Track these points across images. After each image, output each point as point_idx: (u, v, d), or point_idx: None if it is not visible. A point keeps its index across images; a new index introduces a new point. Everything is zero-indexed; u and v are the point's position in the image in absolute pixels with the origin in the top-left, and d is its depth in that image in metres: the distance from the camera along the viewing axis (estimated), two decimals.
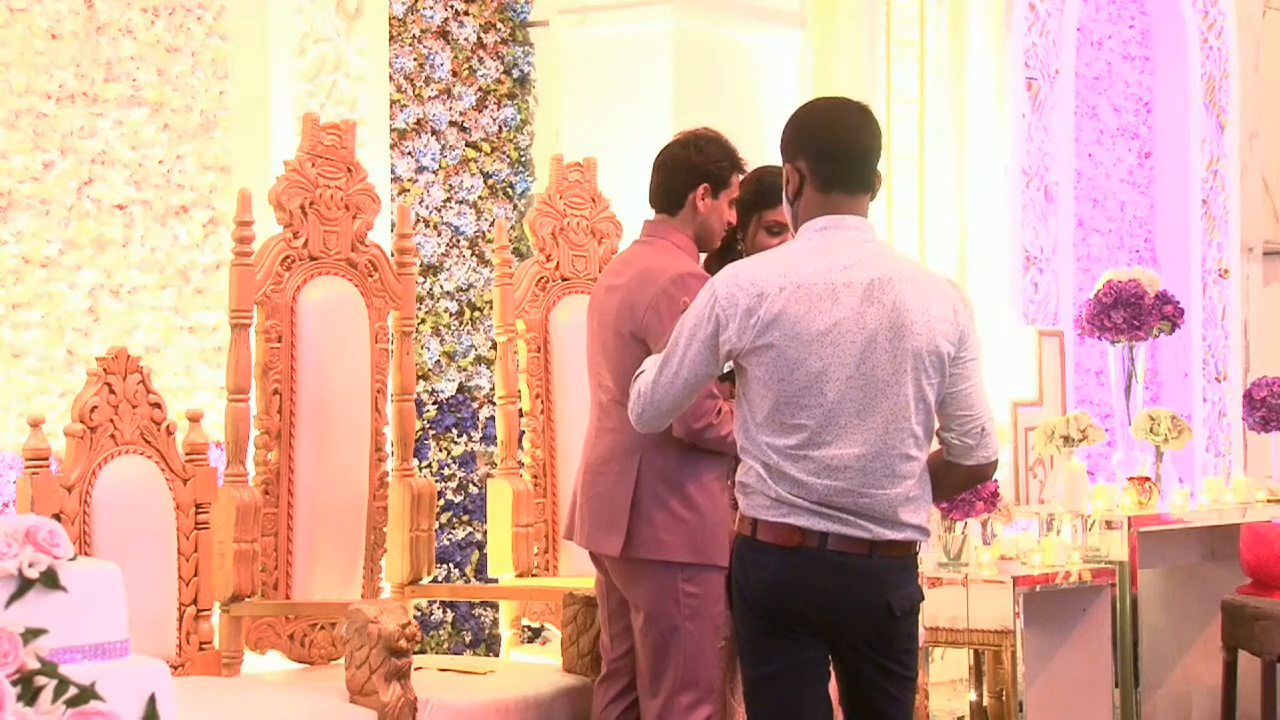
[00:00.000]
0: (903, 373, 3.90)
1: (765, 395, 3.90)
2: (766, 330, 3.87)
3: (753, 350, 3.90)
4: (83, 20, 5.89)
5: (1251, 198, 9.46)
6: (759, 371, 3.90)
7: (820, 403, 3.88)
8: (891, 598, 3.96)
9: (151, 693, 3.36)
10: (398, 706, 4.48)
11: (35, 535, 3.32)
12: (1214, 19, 9.33)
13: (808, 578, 3.92)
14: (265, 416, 5.03)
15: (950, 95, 8.24)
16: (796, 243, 4.00)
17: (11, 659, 3.16)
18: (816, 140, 3.99)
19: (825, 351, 3.87)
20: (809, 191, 3.98)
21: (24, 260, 5.75)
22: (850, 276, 3.90)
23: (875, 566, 3.93)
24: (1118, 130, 9.17)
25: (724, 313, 3.91)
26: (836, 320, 3.87)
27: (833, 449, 3.88)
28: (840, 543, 3.91)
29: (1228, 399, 9.14)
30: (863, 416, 3.88)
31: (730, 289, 3.92)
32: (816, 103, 4.24)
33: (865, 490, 3.90)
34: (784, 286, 3.89)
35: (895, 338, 3.90)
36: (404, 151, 6.72)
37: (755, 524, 3.96)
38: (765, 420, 3.91)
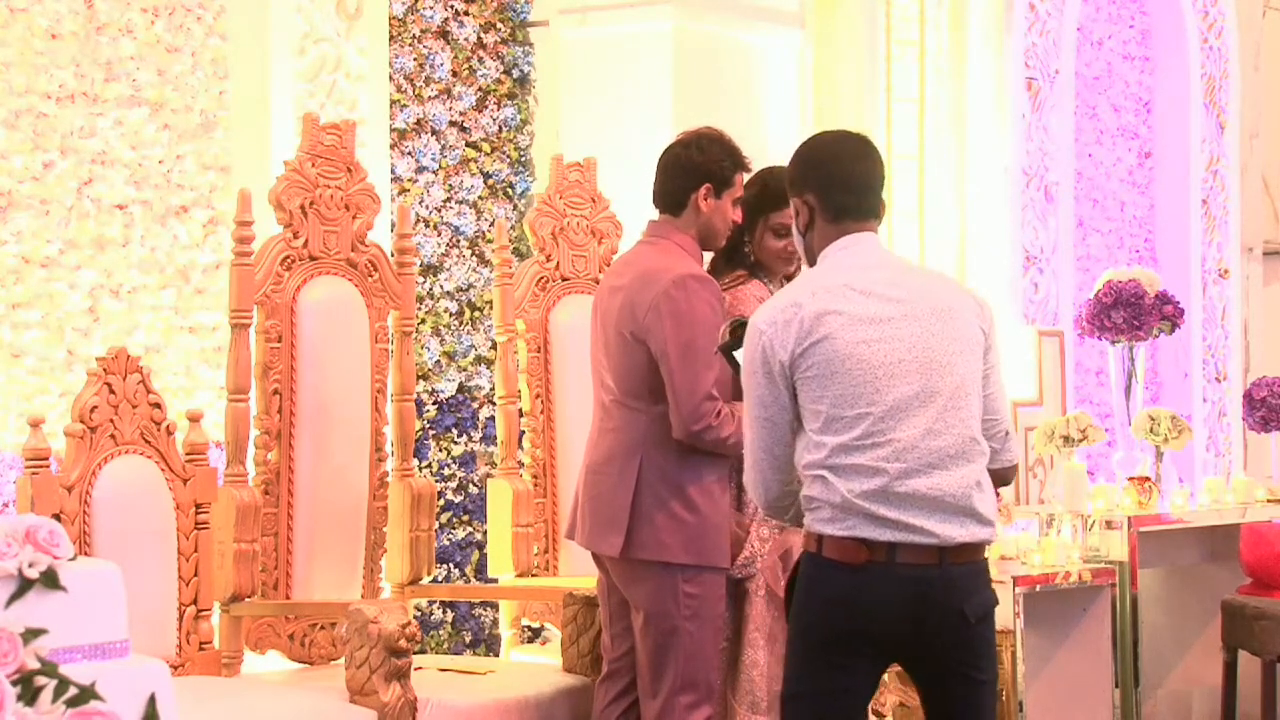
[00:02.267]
0: (956, 354, 3.94)
1: (820, 398, 3.89)
2: (811, 333, 3.89)
3: (803, 356, 3.90)
4: (83, 20, 5.89)
5: (1251, 198, 9.46)
6: (811, 375, 3.90)
7: (878, 389, 3.87)
8: (965, 606, 3.93)
9: (151, 693, 3.36)
10: (398, 706, 4.48)
11: (35, 535, 3.32)
12: (1214, 19, 9.33)
13: (878, 596, 3.88)
14: (265, 416, 5.03)
15: (950, 95, 8.24)
16: (819, 264, 4.05)
17: (11, 659, 3.16)
18: (823, 173, 4.06)
19: (875, 340, 3.89)
20: (820, 223, 4.05)
21: (24, 260, 5.75)
22: (882, 275, 3.99)
23: (946, 576, 3.90)
24: (1118, 130, 9.17)
25: (768, 338, 3.93)
26: (880, 311, 3.92)
27: (898, 432, 3.86)
28: (909, 554, 3.86)
29: (1228, 399, 9.13)
30: (923, 399, 3.89)
31: (767, 314, 3.97)
32: (819, 137, 4.30)
33: (936, 471, 3.87)
34: (816, 292, 3.94)
35: (942, 321, 3.95)
36: (404, 151, 6.72)
37: (821, 540, 3.91)
38: (824, 424, 3.89)
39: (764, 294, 4.78)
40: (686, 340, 4.54)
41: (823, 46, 7.88)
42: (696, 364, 4.53)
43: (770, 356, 3.92)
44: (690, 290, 4.56)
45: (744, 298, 4.76)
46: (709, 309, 4.57)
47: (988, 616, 4.01)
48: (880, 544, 3.86)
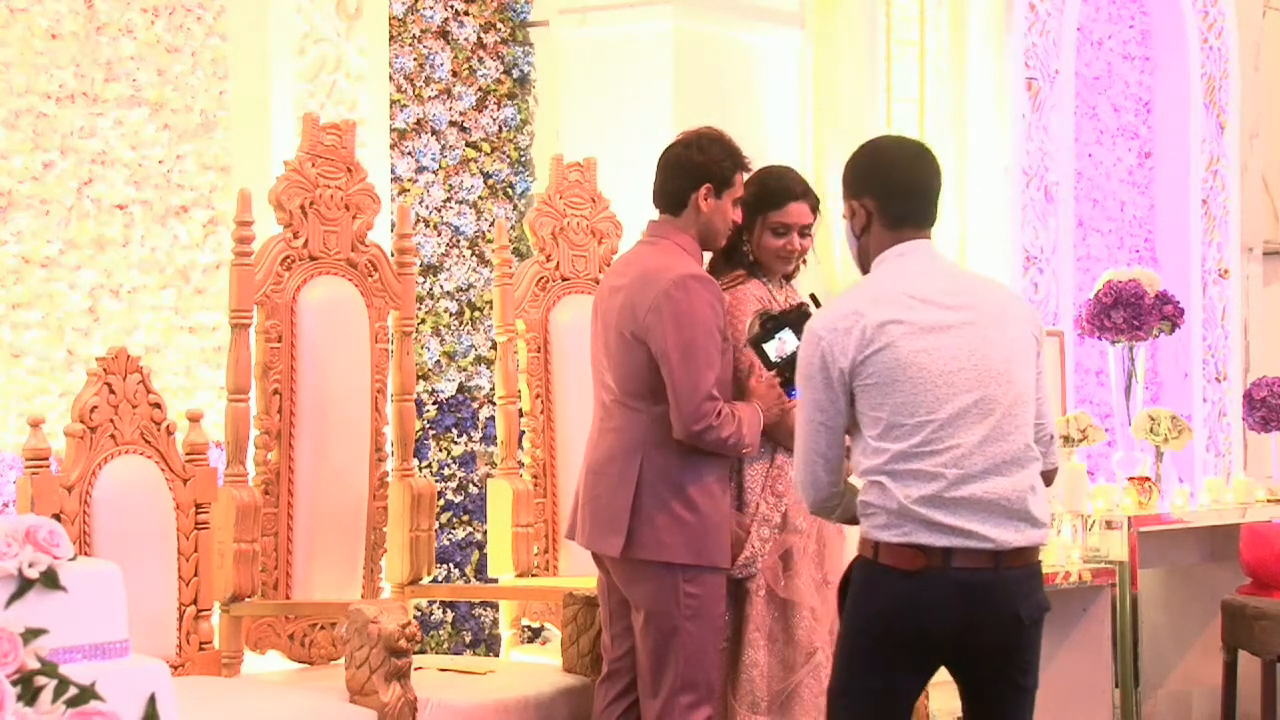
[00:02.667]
0: (1013, 362, 3.99)
1: (881, 405, 3.93)
2: (872, 341, 3.93)
3: (863, 364, 3.93)
4: (83, 20, 5.89)
5: (1251, 198, 9.46)
6: (871, 383, 3.93)
7: (938, 398, 3.91)
8: (1020, 608, 3.97)
9: (151, 693, 3.36)
10: (398, 706, 4.48)
11: (35, 535, 3.31)
12: (1214, 19, 9.33)
13: (932, 601, 3.91)
14: (265, 416, 5.03)
15: (950, 95, 8.24)
16: (876, 271, 4.08)
17: (11, 659, 3.16)
18: (884, 179, 4.10)
19: (935, 349, 3.93)
20: (877, 229, 4.09)
21: (24, 260, 5.75)
22: (942, 284, 4.03)
23: (1002, 580, 3.93)
24: (1118, 130, 9.17)
25: (827, 343, 3.96)
26: (939, 319, 3.96)
27: (957, 439, 3.90)
28: (964, 558, 3.90)
29: (1228, 399, 9.14)
30: (982, 407, 3.92)
31: (827, 320, 4.00)
32: (880, 142, 4.35)
33: (993, 476, 3.90)
34: (877, 300, 3.98)
35: (999, 328, 4.00)
36: (404, 151, 6.72)
37: (877, 547, 3.94)
38: (884, 431, 3.93)
39: (763, 293, 4.78)
40: (687, 340, 4.54)
41: (823, 46, 7.87)
42: (697, 364, 4.53)
43: (830, 363, 3.95)
44: (691, 290, 4.56)
45: (743, 297, 4.76)
46: (709, 309, 4.57)
47: (1040, 620, 4.04)
48: (936, 550, 3.89)
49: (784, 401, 4.67)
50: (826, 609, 4.72)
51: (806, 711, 4.67)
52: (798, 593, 4.69)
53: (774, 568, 4.69)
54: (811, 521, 4.73)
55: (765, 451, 4.73)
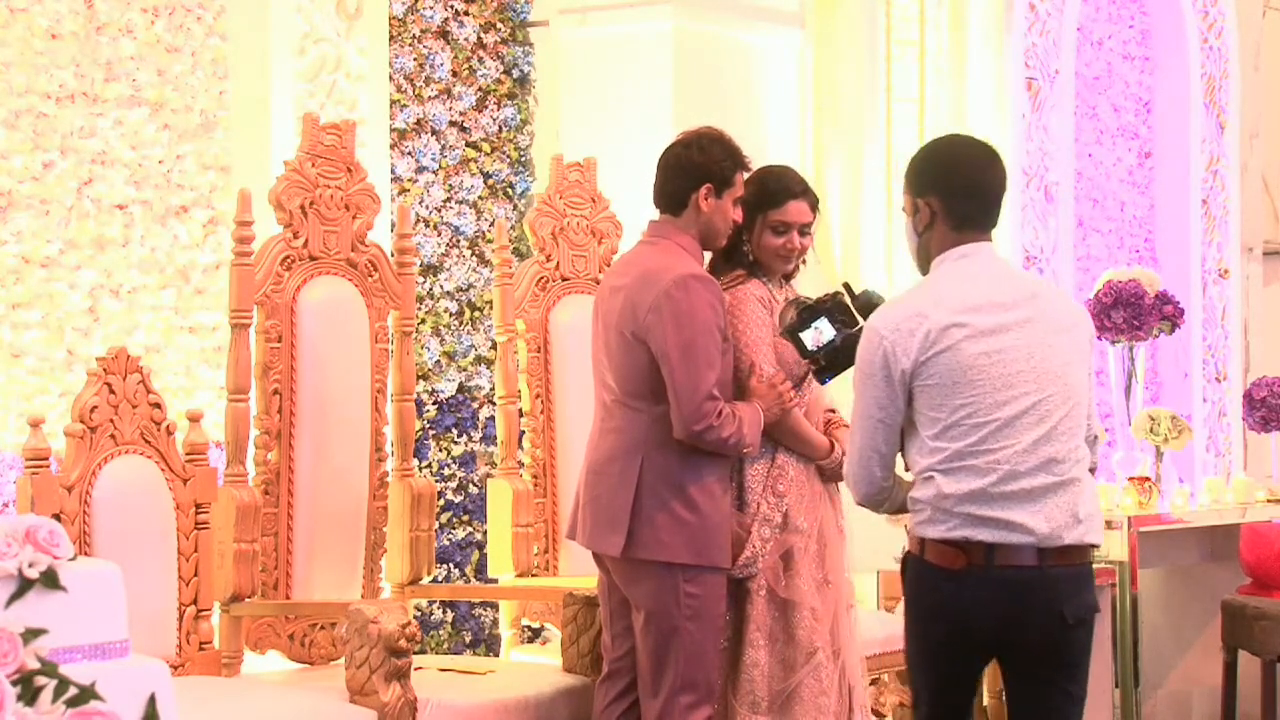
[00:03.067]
0: (1070, 366, 4.09)
1: (941, 406, 4.03)
2: (935, 344, 4.02)
3: (925, 365, 4.03)
4: (83, 20, 5.88)
5: (1251, 198, 9.46)
6: (932, 383, 4.03)
7: (997, 401, 4.01)
8: (1065, 607, 4.04)
9: (151, 693, 3.36)
10: (398, 706, 4.48)
11: (35, 535, 3.31)
12: (1214, 19, 9.33)
13: (974, 599, 4.01)
14: (265, 416, 5.03)
15: (950, 95, 8.23)
16: (938, 273, 4.16)
17: (11, 659, 3.16)
18: (951, 180, 4.18)
19: (996, 352, 4.02)
20: (941, 228, 4.16)
21: (24, 260, 5.75)
22: (1004, 287, 4.12)
23: (1046, 578, 4.01)
24: (1118, 130, 9.17)
25: (890, 343, 4.05)
26: (1000, 322, 4.05)
27: (1014, 440, 3.99)
28: (1007, 555, 3.98)
29: (1228, 399, 9.13)
30: (1040, 410, 4.02)
31: (890, 320, 4.10)
32: (948, 141, 4.42)
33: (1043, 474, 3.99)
34: (940, 303, 4.07)
35: (1057, 331, 4.10)
36: (404, 151, 6.72)
37: (923, 544, 4.08)
38: (942, 431, 4.03)
39: (763, 293, 4.78)
40: (688, 340, 4.54)
41: (823, 46, 7.87)
42: (698, 364, 4.53)
43: (892, 362, 4.04)
44: (691, 290, 4.56)
45: (743, 297, 4.76)
46: (710, 309, 4.57)
47: (1087, 621, 4.11)
48: (978, 546, 3.98)
49: (784, 401, 4.67)
50: (827, 609, 4.72)
51: (807, 711, 4.67)
52: (798, 592, 4.69)
53: (775, 567, 4.69)
54: (812, 521, 4.73)
55: (766, 451, 4.73)
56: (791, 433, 4.73)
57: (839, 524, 4.84)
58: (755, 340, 4.72)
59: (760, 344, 4.72)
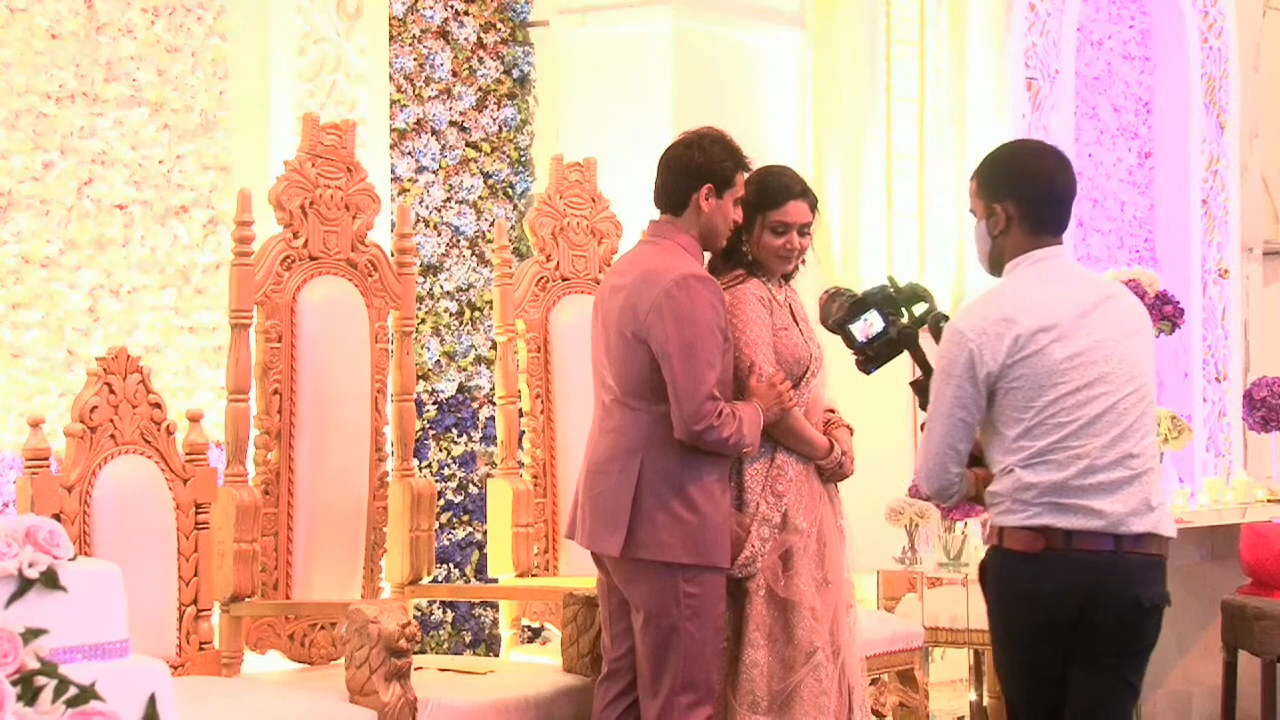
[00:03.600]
0: (1144, 367, 4.26)
1: (1027, 408, 4.17)
2: (1024, 348, 4.16)
3: (1012, 368, 4.17)
4: (83, 20, 5.89)
5: (1251, 198, 9.46)
6: (1018, 386, 4.17)
7: (1080, 403, 4.16)
8: (1140, 592, 4.19)
9: (151, 693, 3.35)
10: (398, 706, 4.48)
11: (35, 535, 3.31)
12: (1214, 19, 9.33)
13: (1053, 581, 4.15)
14: (265, 416, 5.03)
15: (950, 95, 8.24)
16: (1017, 277, 4.28)
17: (11, 659, 3.16)
18: (1028, 187, 4.29)
19: (1079, 354, 4.17)
20: (1016, 233, 4.29)
21: (24, 260, 5.75)
22: (1081, 290, 4.27)
23: (1122, 562, 4.16)
24: (1118, 130, 9.18)
25: (977, 345, 4.19)
26: (1083, 326, 4.20)
27: (1095, 439, 4.14)
28: (1085, 541, 4.13)
29: (1228, 399, 9.14)
30: (1119, 411, 4.18)
31: (975, 322, 4.22)
32: (1023, 146, 4.61)
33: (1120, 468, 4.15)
34: (1028, 307, 4.19)
35: (1130, 334, 4.27)
36: (404, 151, 6.72)
37: (1002, 533, 4.23)
38: (1025, 431, 4.18)
39: (763, 293, 4.78)
40: (688, 340, 4.53)
41: (823, 46, 7.88)
42: (698, 364, 4.53)
43: (977, 364, 4.18)
44: (692, 290, 4.56)
45: (743, 297, 4.76)
46: (711, 309, 4.57)
47: (1159, 610, 4.24)
48: (1057, 532, 4.14)
49: (784, 401, 4.67)
50: (826, 608, 4.72)
51: (806, 711, 4.67)
52: (798, 592, 4.69)
53: (774, 567, 4.69)
54: (812, 521, 4.73)
55: (765, 451, 4.73)
56: (791, 432, 4.73)
57: (838, 524, 4.84)
58: (755, 340, 4.71)
59: (760, 343, 4.72)
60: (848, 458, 4.84)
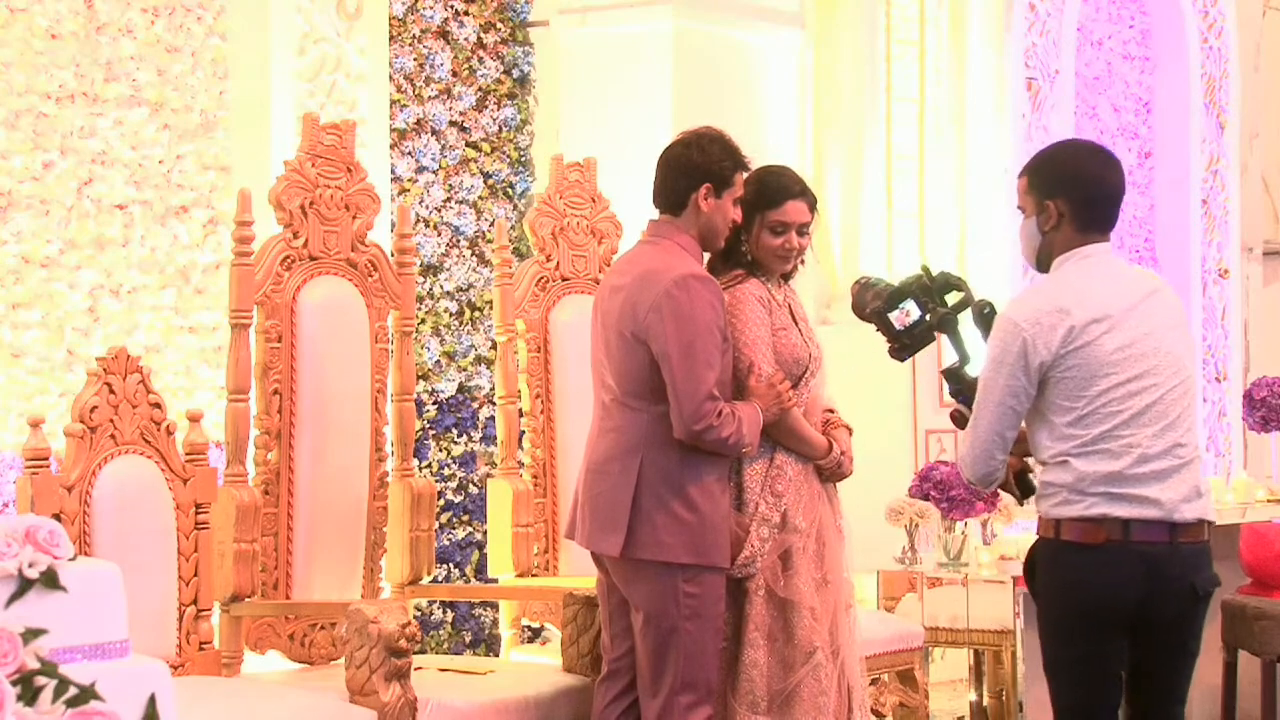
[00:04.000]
0: (1188, 360, 4.41)
1: (1079, 397, 4.29)
2: (1077, 339, 4.29)
3: (1064, 358, 4.29)
4: (83, 20, 5.89)
5: (1251, 198, 9.46)
6: (1070, 376, 4.29)
7: (1130, 393, 4.28)
8: (1195, 580, 4.32)
9: (151, 693, 3.35)
10: (398, 706, 4.48)
11: (35, 535, 3.31)
12: (1214, 19, 9.33)
13: (1115, 573, 4.26)
14: (265, 416, 5.03)
15: (950, 95, 8.24)
16: (1067, 270, 4.39)
17: (11, 659, 3.16)
18: (1081, 184, 4.42)
19: (1129, 346, 4.30)
20: (1067, 230, 4.41)
21: (24, 260, 5.75)
22: (1129, 284, 4.40)
23: (1178, 553, 4.28)
24: (1118, 130, 9.18)
25: (1030, 335, 4.31)
26: (1132, 319, 4.33)
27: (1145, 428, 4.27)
28: (1142, 531, 4.25)
29: (1228, 399, 9.13)
30: (1166, 401, 4.31)
31: (1029, 313, 4.34)
32: (1075, 146, 4.75)
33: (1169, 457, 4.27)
34: (1080, 299, 4.31)
35: (1175, 327, 4.42)
36: (404, 151, 6.72)
37: (1058, 525, 4.32)
38: (1076, 420, 4.29)
39: (762, 292, 4.78)
40: (688, 340, 4.53)
41: (823, 46, 7.88)
42: (698, 364, 4.53)
43: (1030, 354, 4.30)
44: (692, 290, 4.56)
45: (742, 296, 4.76)
46: (710, 309, 4.57)
47: (1210, 595, 4.38)
48: (1115, 522, 4.25)
49: (783, 401, 4.67)
50: (826, 608, 4.72)
51: (806, 711, 4.67)
52: (797, 592, 4.69)
53: (773, 567, 4.69)
54: (811, 521, 4.73)
55: (764, 451, 4.73)
56: (790, 432, 4.73)
57: (837, 524, 4.84)
58: (754, 340, 4.72)
59: (759, 343, 4.72)
60: (846, 457, 4.84)
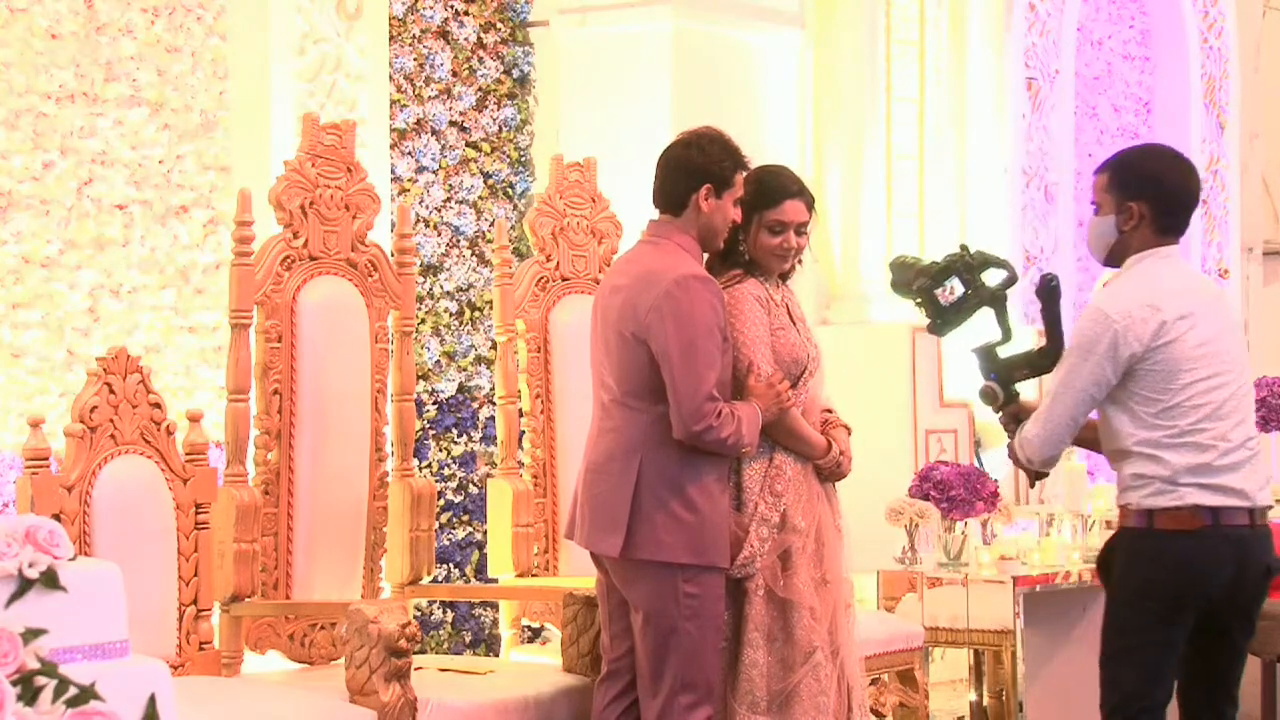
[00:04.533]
0: (1244, 357, 4.65)
1: (1165, 390, 4.49)
2: (1166, 334, 4.48)
3: (1153, 352, 4.48)
4: (83, 20, 5.89)
5: (1251, 198, 9.46)
6: (1157, 369, 4.49)
7: (1210, 387, 4.50)
8: (1270, 560, 4.57)
9: (151, 693, 3.35)
10: (398, 706, 4.48)
11: (35, 535, 3.31)
12: (1214, 19, 9.33)
13: (1212, 558, 4.47)
14: (265, 416, 5.03)
15: (950, 95, 8.24)
16: (1147, 269, 4.58)
17: (11, 659, 3.16)
18: (1165, 190, 4.62)
19: (1207, 343, 4.52)
20: (1145, 231, 4.60)
21: (24, 260, 5.75)
22: (1202, 286, 4.71)
23: (1257, 535, 4.54)
24: (1118, 130, 9.18)
25: (1122, 327, 4.49)
26: (1210, 318, 4.56)
27: (1222, 422, 4.50)
28: (1230, 516, 4.49)
29: None
30: (1237, 396, 4.56)
31: (1121, 306, 4.52)
32: (1160, 152, 4.87)
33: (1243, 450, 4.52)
34: (1169, 297, 4.50)
35: (1235, 329, 4.69)
36: (404, 151, 6.72)
37: (1150, 515, 4.52)
38: (1162, 411, 4.50)
39: (760, 292, 4.78)
40: (688, 340, 4.53)
41: (823, 46, 7.88)
42: (698, 364, 4.53)
43: (1120, 345, 4.49)
44: (692, 290, 4.56)
45: (741, 296, 4.75)
46: (710, 309, 4.57)
47: (1275, 574, 4.62)
48: (1207, 510, 4.47)
49: (782, 401, 4.67)
50: (825, 608, 4.72)
51: (806, 711, 4.67)
52: (797, 592, 4.69)
53: (773, 567, 4.69)
54: (810, 520, 4.73)
55: (763, 451, 4.73)
56: (789, 432, 4.73)
57: (836, 523, 4.83)
58: (753, 339, 4.71)
59: (758, 343, 4.72)
60: (845, 457, 4.84)
